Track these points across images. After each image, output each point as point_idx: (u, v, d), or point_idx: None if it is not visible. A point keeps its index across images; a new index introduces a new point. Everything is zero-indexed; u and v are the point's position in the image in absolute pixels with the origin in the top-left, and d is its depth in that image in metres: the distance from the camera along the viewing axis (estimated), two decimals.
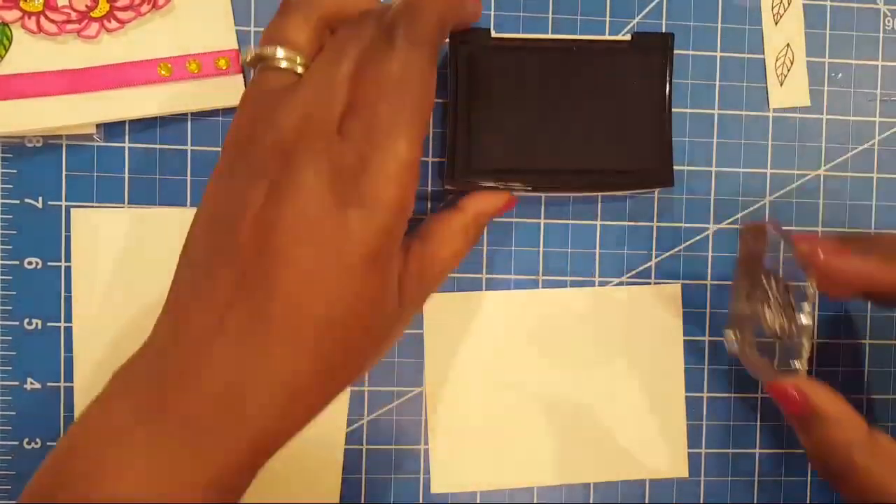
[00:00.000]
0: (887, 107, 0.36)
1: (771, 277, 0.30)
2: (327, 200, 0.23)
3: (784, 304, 0.30)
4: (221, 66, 0.32)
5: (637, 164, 0.32)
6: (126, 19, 0.31)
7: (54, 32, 0.31)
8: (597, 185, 0.33)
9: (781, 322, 0.30)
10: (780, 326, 0.30)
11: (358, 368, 0.26)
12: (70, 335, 0.33)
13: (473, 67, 0.31)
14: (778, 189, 0.36)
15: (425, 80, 0.25)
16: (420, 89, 0.25)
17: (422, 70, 0.25)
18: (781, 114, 0.36)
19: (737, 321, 0.31)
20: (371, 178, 0.24)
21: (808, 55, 0.36)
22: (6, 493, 0.33)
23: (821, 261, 0.29)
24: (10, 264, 0.33)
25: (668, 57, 0.32)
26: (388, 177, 0.24)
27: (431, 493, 0.34)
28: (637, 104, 0.32)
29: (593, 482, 0.35)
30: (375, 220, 0.24)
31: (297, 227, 0.23)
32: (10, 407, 0.33)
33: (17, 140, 0.32)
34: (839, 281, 0.29)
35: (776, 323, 0.30)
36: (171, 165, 0.33)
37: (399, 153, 0.24)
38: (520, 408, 0.35)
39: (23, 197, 0.33)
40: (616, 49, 0.32)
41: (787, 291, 0.30)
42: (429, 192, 0.34)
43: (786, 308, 0.30)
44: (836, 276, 0.29)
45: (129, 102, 0.32)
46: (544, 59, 0.31)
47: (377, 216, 0.24)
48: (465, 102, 0.31)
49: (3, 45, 0.31)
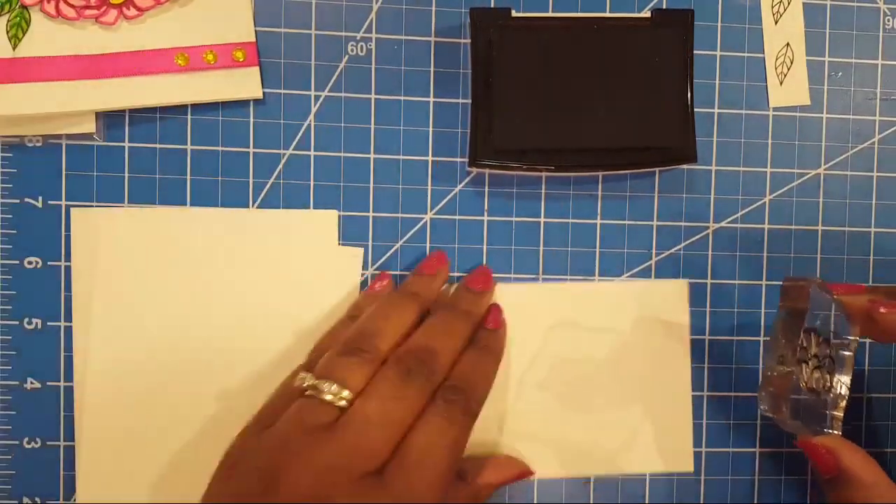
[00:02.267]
0: (887, 106, 0.36)
1: (811, 335, 0.30)
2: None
3: (822, 361, 0.30)
4: (238, 58, 0.32)
5: (660, 140, 0.32)
6: (145, 7, 0.32)
7: (73, 17, 0.31)
8: (620, 164, 0.33)
9: (818, 378, 0.30)
10: (818, 384, 0.30)
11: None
12: (70, 335, 0.33)
13: (495, 48, 0.31)
14: (778, 188, 0.36)
15: (465, 442, 0.28)
16: (461, 451, 0.28)
17: (465, 438, 0.28)
18: (781, 113, 0.36)
19: (772, 380, 0.31)
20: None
21: (807, 54, 0.36)
22: (6, 492, 0.33)
23: (881, 315, 0.29)
24: (10, 264, 0.33)
25: (689, 33, 0.32)
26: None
27: None
28: (659, 81, 0.32)
29: (594, 476, 0.35)
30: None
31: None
32: (10, 407, 0.33)
33: (17, 140, 0.32)
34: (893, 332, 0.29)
35: (813, 380, 0.30)
36: (171, 165, 0.33)
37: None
38: (527, 400, 0.35)
39: (23, 197, 0.33)
40: (636, 26, 0.32)
41: (829, 348, 0.30)
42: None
43: (824, 365, 0.30)
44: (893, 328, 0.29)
45: (145, 90, 0.32)
46: (565, 38, 0.31)
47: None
48: (487, 83, 0.31)
49: (22, 28, 0.31)
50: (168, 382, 0.33)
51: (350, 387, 0.27)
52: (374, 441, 0.26)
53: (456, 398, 0.28)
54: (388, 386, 0.28)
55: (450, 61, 0.34)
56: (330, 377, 0.27)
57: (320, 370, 0.28)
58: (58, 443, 0.33)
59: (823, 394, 0.30)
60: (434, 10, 0.34)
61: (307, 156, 0.34)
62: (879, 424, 0.36)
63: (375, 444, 0.26)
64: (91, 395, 0.32)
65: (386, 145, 0.34)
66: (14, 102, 0.31)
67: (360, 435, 0.26)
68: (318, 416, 0.27)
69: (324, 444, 0.26)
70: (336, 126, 0.34)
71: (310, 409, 0.27)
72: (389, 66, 0.34)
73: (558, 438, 0.35)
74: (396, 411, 0.27)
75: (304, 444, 0.26)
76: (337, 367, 0.28)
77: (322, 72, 0.34)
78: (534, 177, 0.34)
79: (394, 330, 0.30)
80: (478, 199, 0.35)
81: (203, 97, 0.32)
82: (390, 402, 0.27)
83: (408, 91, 0.34)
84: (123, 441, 0.32)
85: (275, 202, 0.33)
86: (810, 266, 0.36)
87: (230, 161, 0.33)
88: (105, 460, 0.32)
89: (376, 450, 0.26)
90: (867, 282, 0.36)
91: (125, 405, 0.32)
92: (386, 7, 0.34)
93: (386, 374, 0.28)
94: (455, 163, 0.34)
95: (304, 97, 0.33)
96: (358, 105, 0.34)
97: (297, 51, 0.33)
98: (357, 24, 0.34)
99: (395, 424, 0.27)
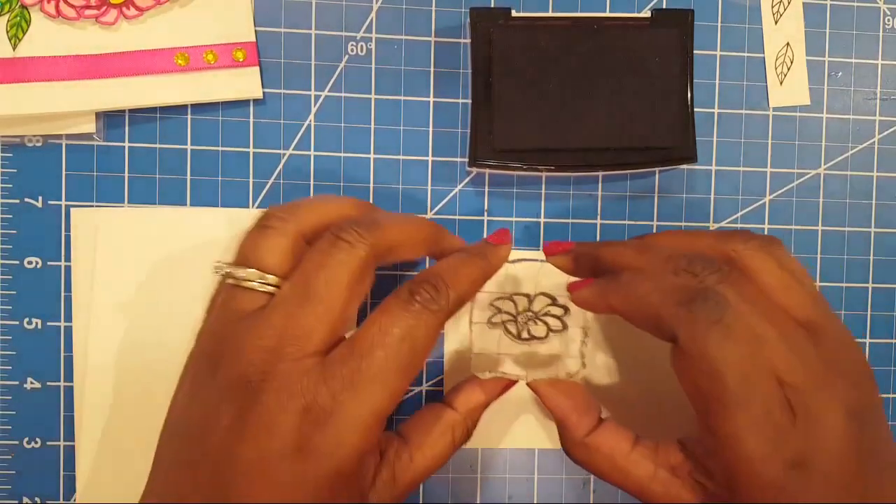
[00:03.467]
0: (887, 106, 0.36)
1: (531, 297, 0.32)
2: (289, 442, 0.23)
3: (540, 315, 0.31)
4: (238, 58, 0.32)
5: (660, 140, 0.32)
6: (145, 7, 0.32)
7: (73, 17, 0.31)
8: (620, 164, 0.33)
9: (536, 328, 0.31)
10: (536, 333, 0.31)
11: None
12: (70, 335, 0.33)
13: (495, 48, 0.31)
14: (778, 188, 0.36)
15: (428, 344, 0.25)
16: (421, 350, 0.25)
17: (428, 335, 0.25)
18: (781, 112, 0.36)
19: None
20: (341, 421, 0.23)
21: (807, 54, 0.36)
22: (6, 492, 0.33)
23: (572, 296, 0.29)
24: (10, 264, 0.32)
25: (689, 32, 0.32)
26: (356, 424, 0.24)
27: None
28: (659, 81, 0.32)
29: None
30: (330, 465, 0.23)
31: (254, 468, 0.23)
32: (10, 407, 0.33)
33: (17, 140, 0.32)
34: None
35: (527, 330, 0.31)
36: (171, 165, 0.33)
37: (375, 404, 0.24)
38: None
39: (23, 197, 0.33)
40: (636, 26, 0.32)
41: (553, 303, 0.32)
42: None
43: (547, 314, 0.31)
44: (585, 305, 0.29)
45: (145, 90, 0.32)
46: (565, 38, 0.31)
47: (333, 462, 0.23)
48: (487, 83, 0.31)
49: (22, 28, 0.31)
50: (168, 382, 0.32)
51: (267, 267, 0.26)
52: (303, 318, 0.24)
53: (422, 289, 0.25)
54: (315, 256, 0.25)
55: (450, 61, 0.34)
56: (245, 263, 0.26)
57: (237, 257, 0.27)
58: (58, 443, 0.33)
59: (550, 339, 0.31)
60: (434, 10, 0.34)
61: (307, 156, 0.34)
62: None
63: (305, 320, 0.24)
64: (91, 395, 0.32)
65: (386, 145, 0.34)
66: (14, 102, 0.31)
67: (289, 315, 0.24)
68: (243, 303, 0.26)
69: (253, 329, 0.25)
70: (336, 126, 0.34)
71: (235, 294, 0.26)
72: (389, 66, 0.34)
73: None
74: (319, 283, 0.25)
75: (238, 327, 0.25)
76: (247, 247, 0.27)
77: (322, 72, 0.34)
78: (534, 177, 0.34)
79: (313, 209, 0.28)
80: (478, 199, 0.35)
81: (203, 97, 0.32)
82: (315, 272, 0.25)
83: (408, 91, 0.34)
84: (123, 441, 0.32)
85: (275, 202, 0.33)
86: (810, 266, 0.36)
87: (230, 161, 0.33)
88: (105, 460, 0.32)
89: (308, 327, 0.24)
90: (867, 282, 0.36)
91: (125, 405, 0.32)
92: (386, 7, 0.34)
93: (313, 247, 0.26)
94: (455, 163, 0.34)
95: (304, 97, 0.33)
96: (358, 105, 0.34)
97: (297, 51, 0.33)
98: (357, 24, 0.34)
99: (323, 298, 0.25)
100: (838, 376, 0.24)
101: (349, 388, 0.24)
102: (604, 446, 0.28)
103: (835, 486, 0.23)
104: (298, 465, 0.23)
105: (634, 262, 0.28)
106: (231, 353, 0.25)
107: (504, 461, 0.35)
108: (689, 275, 0.26)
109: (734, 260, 0.27)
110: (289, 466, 0.23)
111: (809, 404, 0.24)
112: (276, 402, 0.23)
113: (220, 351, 0.25)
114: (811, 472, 0.23)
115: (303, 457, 0.23)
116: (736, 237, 0.27)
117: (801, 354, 0.24)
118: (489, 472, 0.35)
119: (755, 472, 0.23)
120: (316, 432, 0.23)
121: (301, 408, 0.23)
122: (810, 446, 0.23)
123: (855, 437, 0.24)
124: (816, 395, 0.24)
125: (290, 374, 0.24)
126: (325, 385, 0.24)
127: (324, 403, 0.23)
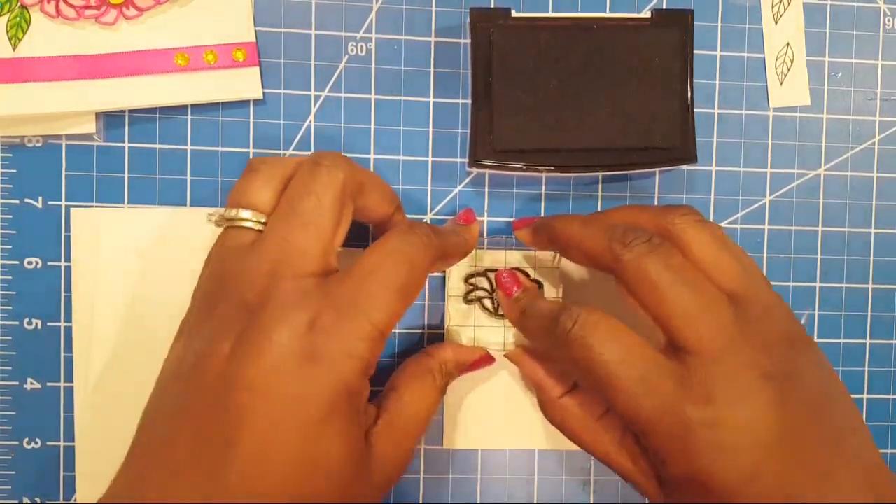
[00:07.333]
0: (887, 106, 0.36)
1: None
2: (295, 350, 0.23)
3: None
4: (238, 58, 0.32)
5: (660, 141, 0.32)
6: (145, 7, 0.32)
7: (73, 18, 0.31)
8: (620, 164, 0.33)
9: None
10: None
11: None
12: (70, 335, 0.33)
13: (495, 48, 0.31)
14: (778, 188, 0.36)
15: (424, 271, 0.26)
16: (418, 275, 0.26)
17: (424, 264, 0.26)
18: (781, 113, 0.36)
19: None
20: (346, 331, 0.24)
21: (808, 54, 0.36)
22: (6, 493, 0.33)
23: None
24: (10, 264, 0.33)
25: (689, 33, 0.32)
26: (360, 337, 0.24)
27: (443, 446, 0.34)
28: (659, 81, 0.32)
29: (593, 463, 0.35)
30: (337, 374, 0.23)
31: (258, 387, 0.23)
32: (10, 407, 0.33)
33: (17, 140, 0.32)
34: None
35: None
36: (171, 165, 0.33)
37: (376, 319, 0.24)
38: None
39: (23, 197, 0.33)
40: (636, 26, 0.32)
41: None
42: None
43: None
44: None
45: (145, 90, 0.32)
46: (565, 38, 0.31)
47: (340, 371, 0.24)
48: (487, 83, 0.31)
49: (22, 28, 0.31)
50: None
51: (259, 206, 0.27)
52: (296, 240, 0.25)
53: (419, 227, 0.27)
54: (297, 184, 0.26)
55: (450, 61, 0.34)
56: (237, 206, 0.27)
57: (229, 201, 0.28)
58: (58, 443, 0.33)
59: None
60: (434, 10, 0.34)
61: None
62: (879, 425, 0.36)
63: (298, 242, 0.25)
64: (91, 395, 0.32)
65: (386, 145, 0.34)
66: (14, 102, 0.31)
67: (282, 239, 0.25)
68: (238, 240, 0.26)
69: (249, 258, 0.25)
70: (336, 126, 0.34)
71: (230, 235, 0.27)
72: (389, 66, 0.34)
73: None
74: (306, 206, 0.26)
75: (234, 261, 0.26)
76: (237, 191, 0.27)
77: (322, 72, 0.34)
78: (534, 177, 0.34)
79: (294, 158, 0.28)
80: (478, 199, 0.35)
81: (203, 97, 0.32)
82: (300, 198, 0.26)
83: (408, 91, 0.34)
84: (123, 441, 0.32)
85: None
86: (810, 266, 0.36)
87: (230, 161, 0.33)
88: (105, 460, 0.32)
89: (302, 248, 0.25)
90: (867, 282, 0.36)
91: (125, 405, 0.32)
92: (386, 7, 0.34)
93: (295, 177, 0.27)
94: (455, 163, 0.34)
95: (304, 97, 0.33)
96: (358, 105, 0.34)
97: (297, 51, 0.33)
98: (357, 24, 0.34)
99: (313, 219, 0.25)
100: (748, 343, 0.25)
101: (352, 304, 0.24)
102: (576, 408, 0.29)
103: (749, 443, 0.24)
104: (305, 373, 0.23)
105: (579, 232, 0.29)
106: (229, 285, 0.25)
107: (504, 461, 0.35)
108: (620, 244, 0.27)
109: (670, 232, 0.28)
110: (295, 378, 0.23)
111: (714, 370, 0.24)
112: (279, 316, 0.23)
113: (218, 288, 0.25)
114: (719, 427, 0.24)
115: (309, 366, 0.23)
116: (675, 211, 0.28)
117: (715, 321, 0.25)
118: (489, 473, 0.35)
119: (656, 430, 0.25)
120: (321, 340, 0.23)
121: (305, 320, 0.24)
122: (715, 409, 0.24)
123: (770, 399, 0.24)
124: (726, 360, 0.24)
125: (290, 292, 0.24)
126: (327, 299, 0.24)
127: (327, 316, 0.24)
